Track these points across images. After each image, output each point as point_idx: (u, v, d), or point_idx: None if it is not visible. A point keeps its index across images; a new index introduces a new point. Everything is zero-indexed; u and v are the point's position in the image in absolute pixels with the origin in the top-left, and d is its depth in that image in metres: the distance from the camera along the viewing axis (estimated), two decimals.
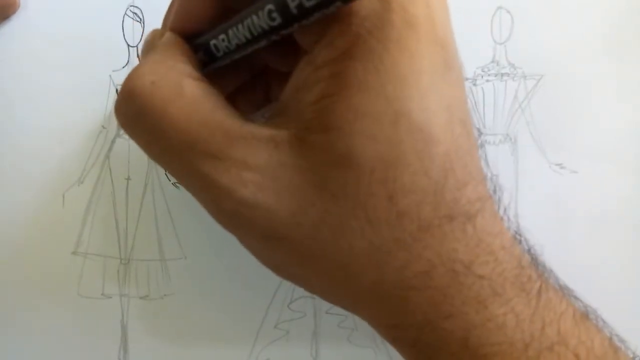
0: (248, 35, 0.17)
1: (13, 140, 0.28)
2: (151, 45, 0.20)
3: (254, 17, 0.17)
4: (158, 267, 0.28)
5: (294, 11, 0.15)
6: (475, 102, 0.29)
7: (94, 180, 0.29)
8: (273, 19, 0.16)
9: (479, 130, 0.29)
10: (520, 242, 0.19)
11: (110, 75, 0.29)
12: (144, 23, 0.29)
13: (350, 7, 0.16)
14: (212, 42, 0.19)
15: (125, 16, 0.29)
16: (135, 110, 0.17)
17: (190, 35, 0.19)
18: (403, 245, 0.16)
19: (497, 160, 0.29)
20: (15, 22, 0.29)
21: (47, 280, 0.28)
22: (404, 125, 0.16)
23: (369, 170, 0.16)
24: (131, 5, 0.29)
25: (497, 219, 0.18)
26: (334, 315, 0.28)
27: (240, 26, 0.17)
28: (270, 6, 0.16)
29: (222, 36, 0.18)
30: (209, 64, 0.19)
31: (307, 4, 0.15)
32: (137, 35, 0.29)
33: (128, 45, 0.29)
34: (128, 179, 0.29)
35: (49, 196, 0.28)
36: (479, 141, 0.29)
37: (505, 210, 0.19)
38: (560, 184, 0.28)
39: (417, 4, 0.16)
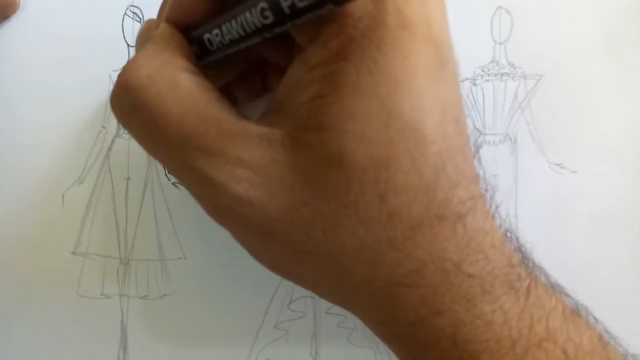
0: (241, 32, 0.17)
1: (13, 140, 0.28)
2: (146, 36, 0.20)
3: (247, 14, 0.17)
4: (158, 267, 0.28)
5: (287, 11, 0.16)
6: (475, 102, 0.29)
7: (94, 180, 0.29)
8: (266, 17, 0.16)
9: (478, 130, 0.29)
10: (511, 240, 0.19)
11: (110, 75, 0.29)
12: (143, 23, 0.29)
13: (344, 8, 0.16)
14: (206, 36, 0.19)
15: (125, 16, 0.29)
16: (130, 104, 0.17)
17: (185, 27, 0.19)
18: (394, 244, 0.17)
19: (497, 160, 0.29)
20: (15, 22, 0.29)
21: (47, 280, 0.28)
22: (396, 126, 0.16)
23: (360, 169, 0.16)
24: (131, 5, 0.29)
25: (489, 217, 0.18)
26: (333, 315, 0.28)
27: (233, 22, 0.17)
28: (263, 4, 0.16)
29: (215, 31, 0.18)
30: (203, 56, 0.19)
31: (299, 5, 0.15)
32: (137, 34, 0.29)
33: (128, 45, 0.29)
34: (128, 179, 0.29)
35: (49, 196, 0.28)
36: (479, 141, 0.29)
37: (497, 208, 0.19)
38: (560, 183, 0.28)
39: (411, 4, 0.16)
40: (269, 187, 0.17)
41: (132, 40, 0.29)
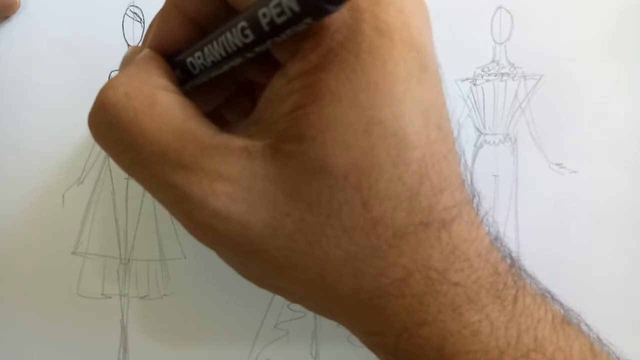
0: (223, 53, 0.17)
1: (13, 140, 0.28)
2: (130, 59, 0.20)
3: (228, 35, 0.17)
4: (158, 267, 0.28)
5: (266, 28, 0.16)
6: (475, 102, 0.29)
7: (94, 180, 0.29)
8: (246, 36, 0.16)
9: (478, 130, 0.29)
10: (498, 248, 0.19)
11: (109, 75, 0.29)
12: (144, 23, 0.29)
13: (322, 22, 0.16)
14: (189, 59, 0.19)
15: (126, 16, 0.29)
16: (107, 121, 0.17)
17: (168, 54, 0.19)
18: (379, 253, 0.16)
19: (497, 160, 0.29)
20: (15, 22, 0.29)
21: (47, 280, 0.28)
22: (377, 132, 0.16)
23: (342, 177, 0.16)
24: (131, 5, 0.29)
25: (474, 225, 0.18)
26: None
27: (214, 43, 0.17)
28: (243, 23, 0.16)
29: (197, 54, 0.18)
30: (187, 81, 0.19)
31: (278, 21, 0.15)
32: (137, 35, 0.29)
33: (128, 45, 0.29)
34: (128, 179, 0.29)
35: (49, 196, 0.28)
36: (479, 141, 0.29)
37: (485, 215, 0.19)
38: (560, 184, 0.28)
39: (389, 11, 0.16)
40: (249, 201, 0.16)
41: (132, 41, 0.29)
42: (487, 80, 0.29)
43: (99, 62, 0.28)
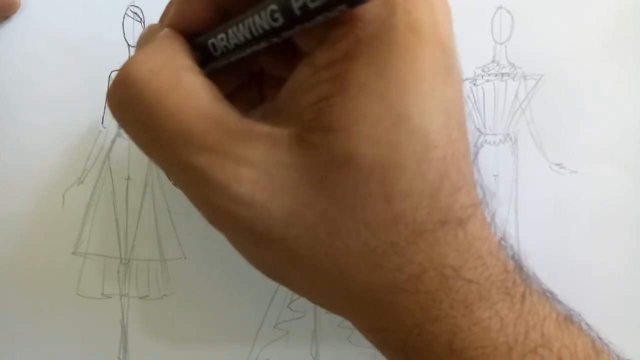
0: (248, 36, 0.17)
1: (13, 140, 0.28)
2: (148, 37, 0.19)
3: (256, 17, 0.16)
4: (158, 267, 0.28)
5: (297, 12, 0.15)
6: (475, 102, 0.29)
7: (94, 180, 0.29)
8: (275, 20, 0.16)
9: (479, 130, 0.29)
10: (505, 247, 0.19)
11: (110, 75, 0.29)
12: (144, 23, 0.29)
13: (354, 10, 0.15)
14: (211, 41, 0.18)
15: (126, 16, 0.29)
16: (129, 98, 0.17)
17: (188, 34, 0.19)
18: (397, 249, 0.16)
19: (497, 160, 0.29)
20: (15, 22, 0.29)
21: (47, 280, 0.28)
22: (404, 129, 0.16)
23: (367, 171, 0.16)
24: (131, 5, 0.29)
25: (486, 224, 0.18)
26: (333, 315, 0.28)
27: (240, 26, 0.17)
28: (273, 6, 0.16)
29: (221, 35, 0.18)
30: (205, 64, 0.19)
31: (312, 5, 0.15)
32: (137, 35, 0.29)
33: (128, 45, 0.29)
34: (128, 179, 0.29)
35: (49, 196, 0.28)
36: (479, 141, 0.29)
37: (493, 215, 0.19)
38: (560, 184, 0.28)
39: (421, 8, 0.16)
40: (272, 188, 0.16)
41: (132, 41, 0.29)
42: (488, 80, 0.29)
43: (99, 62, 0.28)
